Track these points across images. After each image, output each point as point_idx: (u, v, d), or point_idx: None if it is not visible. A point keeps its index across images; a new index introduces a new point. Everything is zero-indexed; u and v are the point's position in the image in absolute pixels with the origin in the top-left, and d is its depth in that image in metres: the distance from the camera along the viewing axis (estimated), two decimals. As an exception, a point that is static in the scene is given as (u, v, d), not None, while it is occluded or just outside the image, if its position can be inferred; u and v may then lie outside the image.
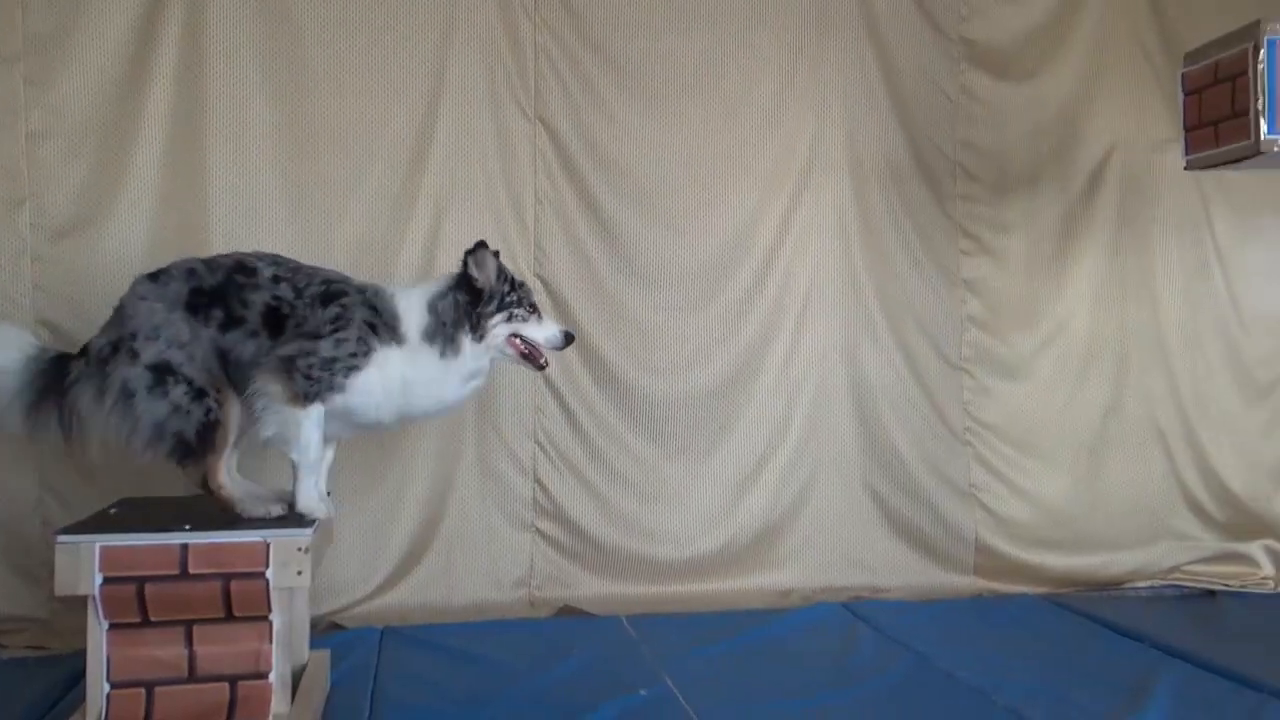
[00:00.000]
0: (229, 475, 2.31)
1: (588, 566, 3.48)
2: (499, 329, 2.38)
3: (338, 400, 2.26)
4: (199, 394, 2.19)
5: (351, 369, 2.24)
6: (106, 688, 2.12)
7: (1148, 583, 3.67)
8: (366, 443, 3.19)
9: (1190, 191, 3.81)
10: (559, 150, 3.50)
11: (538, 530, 3.47)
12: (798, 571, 3.62)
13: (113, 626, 2.12)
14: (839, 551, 3.65)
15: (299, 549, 2.16)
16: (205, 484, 2.27)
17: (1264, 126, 2.67)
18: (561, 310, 3.49)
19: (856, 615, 3.27)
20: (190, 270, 2.29)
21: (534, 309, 2.45)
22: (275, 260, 2.36)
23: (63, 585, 2.10)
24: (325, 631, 3.10)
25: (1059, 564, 3.66)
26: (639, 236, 3.55)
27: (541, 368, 2.51)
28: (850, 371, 3.68)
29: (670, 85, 3.57)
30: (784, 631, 3.09)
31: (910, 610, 3.36)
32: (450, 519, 3.40)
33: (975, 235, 3.74)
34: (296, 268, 2.35)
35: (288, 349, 2.21)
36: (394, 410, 2.35)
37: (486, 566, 3.43)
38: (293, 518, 2.28)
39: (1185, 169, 3.09)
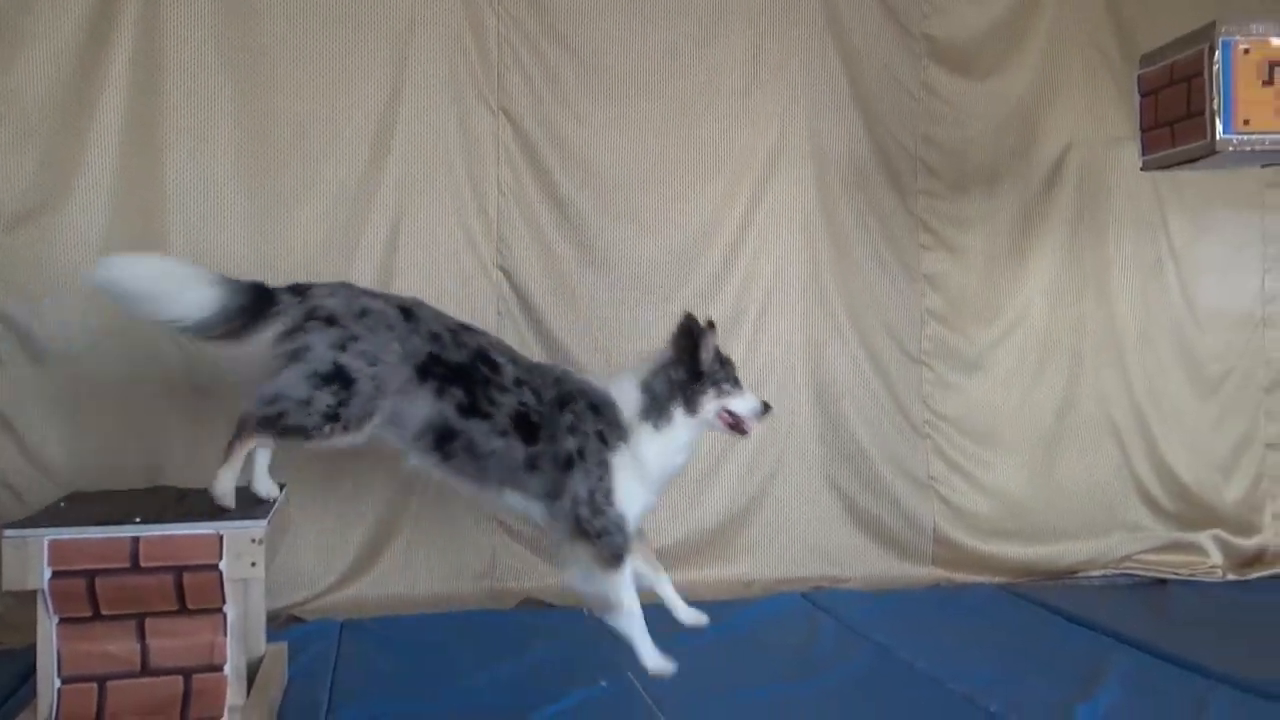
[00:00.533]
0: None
1: (550, 557, 3.47)
2: (710, 404, 2.48)
3: (630, 528, 2.40)
4: (333, 417, 2.28)
5: (608, 491, 2.38)
6: (57, 683, 2.09)
7: (1101, 572, 3.74)
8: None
9: (1145, 189, 3.88)
10: (522, 142, 3.49)
11: (500, 522, 3.46)
12: (759, 562, 3.65)
13: (63, 621, 2.09)
14: (800, 542, 3.68)
15: (252, 540, 2.14)
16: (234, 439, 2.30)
17: (1219, 126, 2.71)
18: (524, 302, 3.49)
19: (817, 605, 3.30)
20: (435, 334, 2.39)
21: (737, 383, 2.54)
22: (511, 357, 2.48)
23: (10, 580, 2.06)
24: (284, 625, 3.07)
25: (1015, 554, 3.72)
26: (602, 229, 3.55)
27: (744, 434, 2.58)
28: (812, 365, 3.71)
29: (634, 79, 3.57)
30: (746, 622, 3.11)
31: (870, 600, 3.40)
32: (412, 511, 3.39)
33: (936, 230, 3.78)
34: (529, 366, 2.51)
35: (564, 506, 2.37)
36: (652, 493, 2.49)
37: (448, 558, 3.42)
38: (260, 509, 2.27)
39: (1142, 169, 3.13)
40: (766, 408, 2.55)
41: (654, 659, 2.38)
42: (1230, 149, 2.71)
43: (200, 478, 2.38)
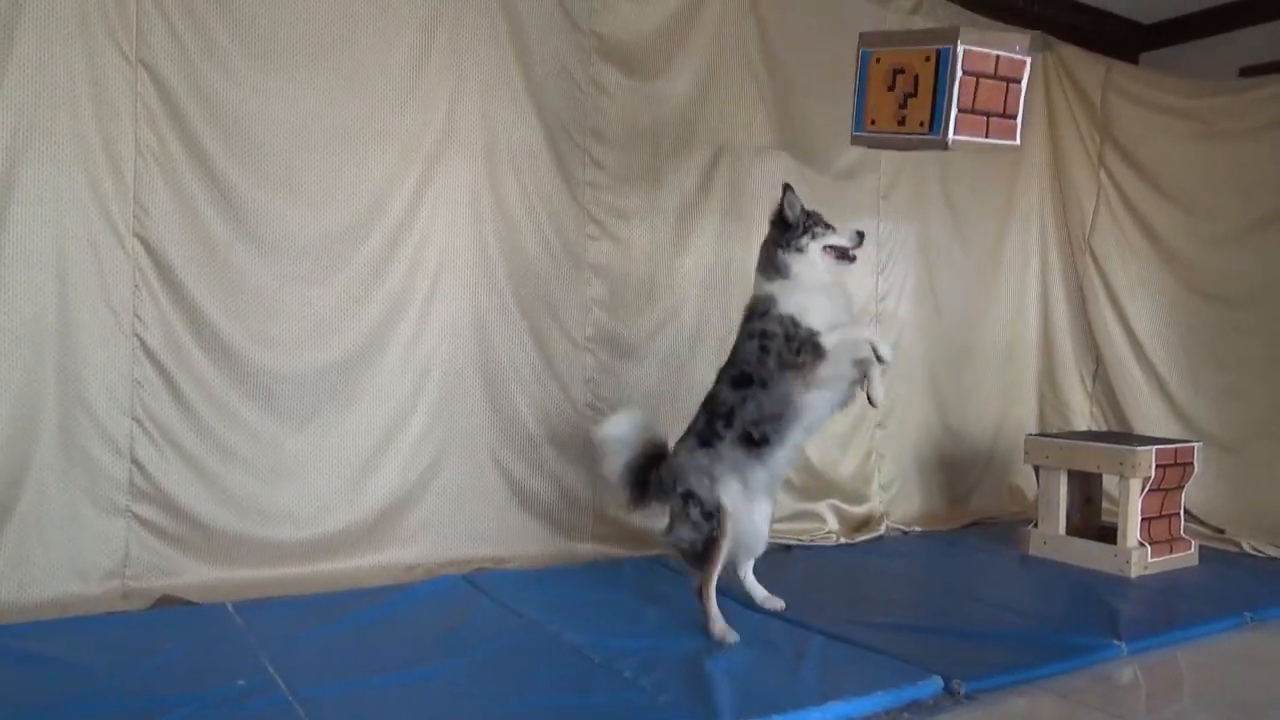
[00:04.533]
0: (748, 580, 3.23)
1: (192, 552, 3.24)
2: (810, 244, 3.01)
3: (821, 335, 2.91)
4: (708, 515, 2.89)
5: (795, 323, 2.92)
6: None
7: (740, 541, 4.12)
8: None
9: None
10: (166, 100, 3.19)
11: (134, 515, 3.17)
12: (424, 547, 3.63)
13: None
14: (465, 525, 3.71)
15: None
16: (699, 592, 2.92)
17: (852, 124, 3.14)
18: (166, 275, 3.22)
19: (476, 586, 3.35)
20: (688, 430, 3.06)
21: (828, 226, 3.06)
22: (724, 375, 3.07)
23: None
24: None
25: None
26: (259, 200, 3.35)
27: (852, 260, 3.08)
28: (480, 348, 3.74)
29: (297, 41, 3.37)
30: (400, 608, 3.09)
31: (530, 579, 3.51)
32: (25, 504, 3.01)
33: (601, 222, 3.95)
34: (733, 349, 3.09)
35: (783, 373, 2.92)
36: (840, 309, 3.01)
37: (70, 557, 3.08)
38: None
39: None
40: (861, 236, 3.09)
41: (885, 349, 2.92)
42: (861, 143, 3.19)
43: None
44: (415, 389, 3.63)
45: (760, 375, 2.93)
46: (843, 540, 4.27)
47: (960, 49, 2.90)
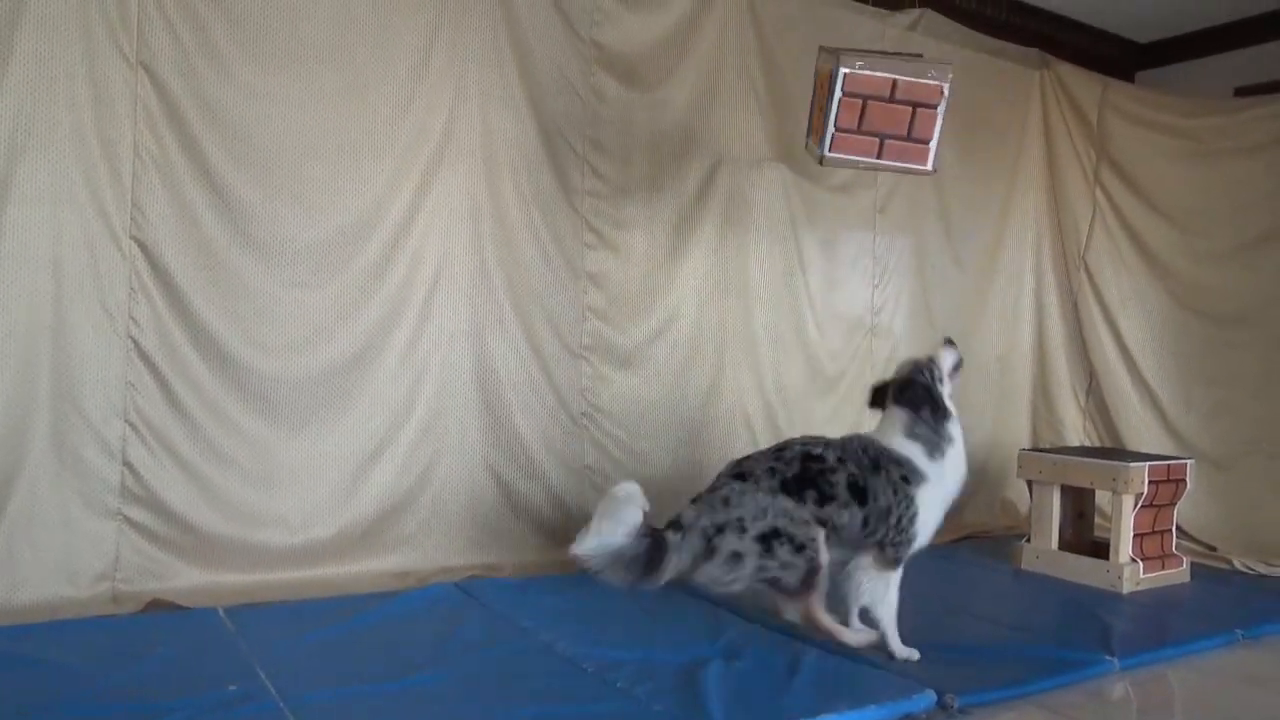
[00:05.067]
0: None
1: (183, 556, 3.23)
2: (947, 398, 3.06)
3: (915, 547, 2.94)
4: (799, 548, 2.80)
5: (913, 519, 2.90)
6: None
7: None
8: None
9: (780, 207, 4.31)
10: (165, 103, 3.20)
11: (125, 518, 3.16)
12: (417, 554, 3.63)
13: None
14: (459, 532, 3.70)
15: None
16: (807, 617, 2.90)
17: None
18: (162, 278, 3.22)
19: (468, 594, 3.34)
20: (770, 469, 2.89)
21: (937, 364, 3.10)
22: (824, 443, 2.97)
23: None
24: None
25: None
26: (256, 205, 3.35)
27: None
28: (476, 355, 3.74)
29: (298, 46, 3.38)
30: (392, 615, 3.07)
31: (523, 587, 3.49)
32: (16, 505, 3.00)
33: (599, 230, 3.96)
34: (841, 445, 2.97)
35: (875, 536, 2.89)
36: (940, 519, 3.00)
37: (60, 559, 3.07)
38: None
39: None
40: (948, 341, 3.19)
41: (900, 648, 2.88)
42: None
43: None
44: (410, 396, 3.63)
45: (879, 510, 2.87)
46: (836, 552, 4.26)
47: (841, 70, 2.96)
